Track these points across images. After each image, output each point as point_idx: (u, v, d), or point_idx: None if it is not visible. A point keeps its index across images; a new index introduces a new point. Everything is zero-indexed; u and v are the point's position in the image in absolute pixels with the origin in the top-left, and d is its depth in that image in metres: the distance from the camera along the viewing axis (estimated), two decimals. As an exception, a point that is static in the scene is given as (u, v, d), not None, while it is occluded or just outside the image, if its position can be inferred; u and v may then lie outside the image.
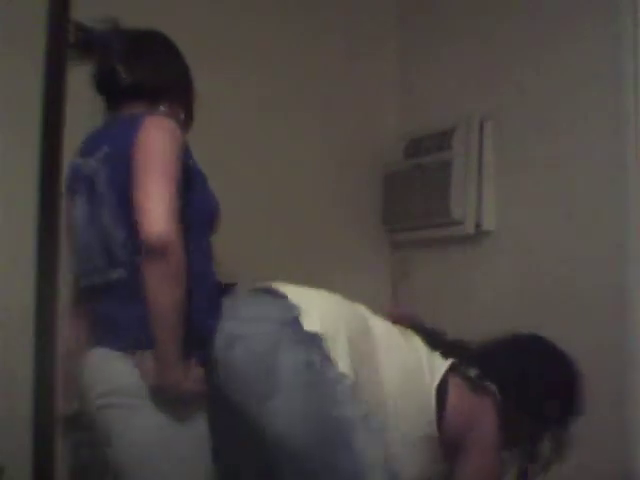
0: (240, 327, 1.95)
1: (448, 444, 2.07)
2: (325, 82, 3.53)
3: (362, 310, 2.13)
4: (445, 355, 2.16)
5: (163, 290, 1.78)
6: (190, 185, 1.92)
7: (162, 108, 2.04)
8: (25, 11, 2.90)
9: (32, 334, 2.87)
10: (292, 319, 1.94)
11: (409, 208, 3.46)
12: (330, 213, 3.52)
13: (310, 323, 1.95)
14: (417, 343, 2.16)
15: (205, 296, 1.94)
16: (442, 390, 2.08)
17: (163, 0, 3.19)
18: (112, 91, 2.05)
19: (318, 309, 1.99)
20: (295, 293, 2.02)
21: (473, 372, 2.14)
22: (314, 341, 1.92)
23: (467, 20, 3.35)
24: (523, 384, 2.12)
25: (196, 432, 1.90)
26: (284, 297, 2.00)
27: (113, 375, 1.89)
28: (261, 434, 1.93)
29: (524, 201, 3.08)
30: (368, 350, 2.03)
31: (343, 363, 1.94)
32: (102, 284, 1.95)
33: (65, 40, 2.92)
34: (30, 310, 2.87)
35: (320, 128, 3.49)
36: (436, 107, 3.48)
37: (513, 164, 3.13)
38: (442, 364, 2.13)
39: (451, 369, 2.12)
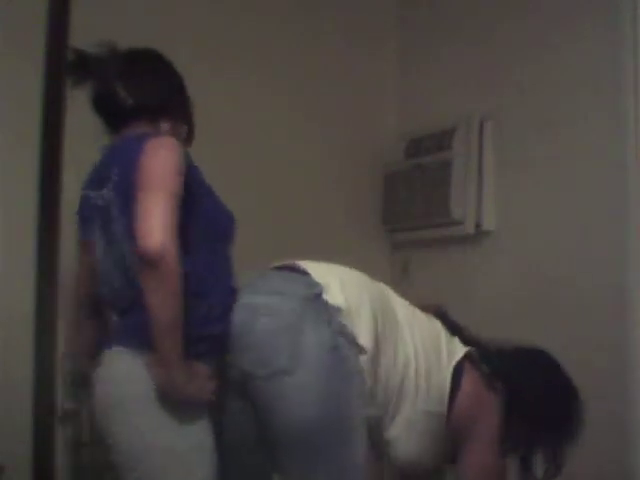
0: (264, 300, 1.96)
1: (452, 428, 2.10)
2: (325, 82, 3.53)
3: (384, 287, 2.17)
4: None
5: (158, 298, 1.81)
6: (198, 199, 1.94)
7: (164, 126, 2.05)
8: (25, 11, 2.90)
9: (32, 334, 2.87)
10: (315, 295, 1.96)
11: (409, 208, 3.46)
12: (330, 213, 3.52)
13: (333, 298, 1.97)
14: (437, 325, 2.19)
15: (220, 305, 1.95)
16: (457, 373, 2.11)
17: (163, 0, 3.19)
18: (113, 113, 2.06)
19: (341, 284, 2.02)
20: (317, 269, 2.04)
21: (486, 368, 2.17)
22: (337, 319, 1.95)
23: (467, 20, 3.35)
24: (528, 393, 2.14)
25: (199, 437, 1.90)
26: (306, 274, 2.02)
27: (123, 374, 1.90)
28: (266, 415, 1.93)
29: (524, 201, 3.08)
30: (391, 325, 2.06)
31: (366, 337, 1.97)
32: (124, 303, 1.97)
33: (65, 40, 2.93)
34: (30, 310, 2.88)
35: (320, 128, 3.49)
36: (436, 107, 3.48)
37: (513, 164, 3.13)
38: (460, 349, 2.17)
39: (467, 356, 2.15)
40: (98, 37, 2.86)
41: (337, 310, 1.96)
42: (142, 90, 2.04)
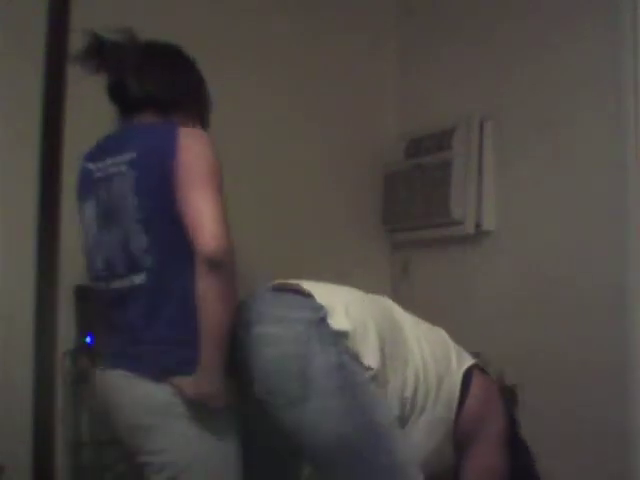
0: (269, 328, 1.96)
1: (460, 432, 2.10)
2: (325, 82, 3.53)
3: (387, 302, 2.18)
4: None
5: (220, 301, 1.82)
6: None
7: (175, 119, 2.04)
8: (25, 11, 2.90)
9: (32, 334, 2.87)
10: (320, 320, 1.96)
11: (409, 208, 3.46)
12: (330, 213, 3.52)
13: (338, 322, 1.97)
14: (443, 334, 2.20)
15: None
16: (467, 378, 2.12)
17: (163, 0, 3.19)
18: (123, 101, 2.06)
19: (345, 307, 2.01)
20: (321, 291, 2.04)
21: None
22: (342, 341, 1.95)
23: (467, 20, 3.35)
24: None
25: (228, 448, 1.91)
26: (310, 296, 2.02)
27: (142, 396, 1.88)
28: (290, 439, 1.95)
29: (524, 201, 3.08)
30: (398, 341, 2.06)
31: (372, 358, 1.97)
32: (122, 289, 1.94)
33: (65, 40, 2.93)
34: (30, 310, 2.87)
35: (320, 128, 3.49)
36: (436, 107, 3.48)
37: (513, 164, 3.13)
38: (469, 358, 2.18)
39: (476, 366, 2.17)
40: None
41: (342, 334, 1.96)
42: (152, 84, 2.04)
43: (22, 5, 2.90)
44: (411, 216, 3.46)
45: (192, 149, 1.89)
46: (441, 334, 2.19)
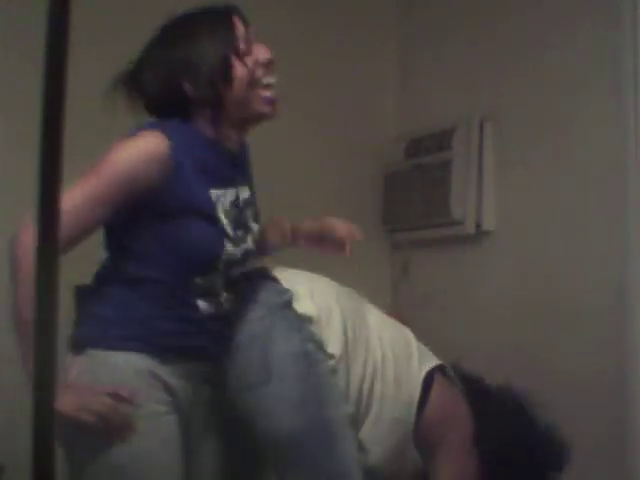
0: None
1: (421, 435, 2.08)
2: (325, 82, 3.53)
3: (356, 295, 2.18)
4: None
5: (13, 290, 1.70)
6: (171, 215, 1.83)
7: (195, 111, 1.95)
8: (25, 11, 2.90)
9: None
10: (284, 303, 1.95)
11: (409, 208, 3.46)
12: (330, 213, 3.49)
13: (303, 306, 1.96)
14: (408, 333, 2.18)
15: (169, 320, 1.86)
16: (428, 381, 2.10)
17: (163, 1, 3.19)
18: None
19: (310, 292, 2.01)
20: (286, 276, 2.03)
21: (459, 384, 2.18)
22: (307, 326, 1.94)
23: (467, 20, 3.35)
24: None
25: (143, 453, 1.79)
26: (276, 281, 2.00)
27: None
28: (248, 425, 1.92)
29: (524, 201, 3.08)
30: (360, 331, 2.06)
31: (335, 345, 1.96)
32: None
33: (65, 40, 2.93)
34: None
35: (320, 128, 3.49)
36: (436, 107, 3.48)
37: (513, 164, 3.13)
38: (432, 358, 2.16)
39: (440, 368, 2.14)
40: (98, 37, 2.86)
41: (307, 318, 1.95)
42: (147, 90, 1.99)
43: (22, 5, 2.90)
44: (411, 216, 3.46)
45: (114, 148, 1.78)
46: (407, 334, 2.18)
